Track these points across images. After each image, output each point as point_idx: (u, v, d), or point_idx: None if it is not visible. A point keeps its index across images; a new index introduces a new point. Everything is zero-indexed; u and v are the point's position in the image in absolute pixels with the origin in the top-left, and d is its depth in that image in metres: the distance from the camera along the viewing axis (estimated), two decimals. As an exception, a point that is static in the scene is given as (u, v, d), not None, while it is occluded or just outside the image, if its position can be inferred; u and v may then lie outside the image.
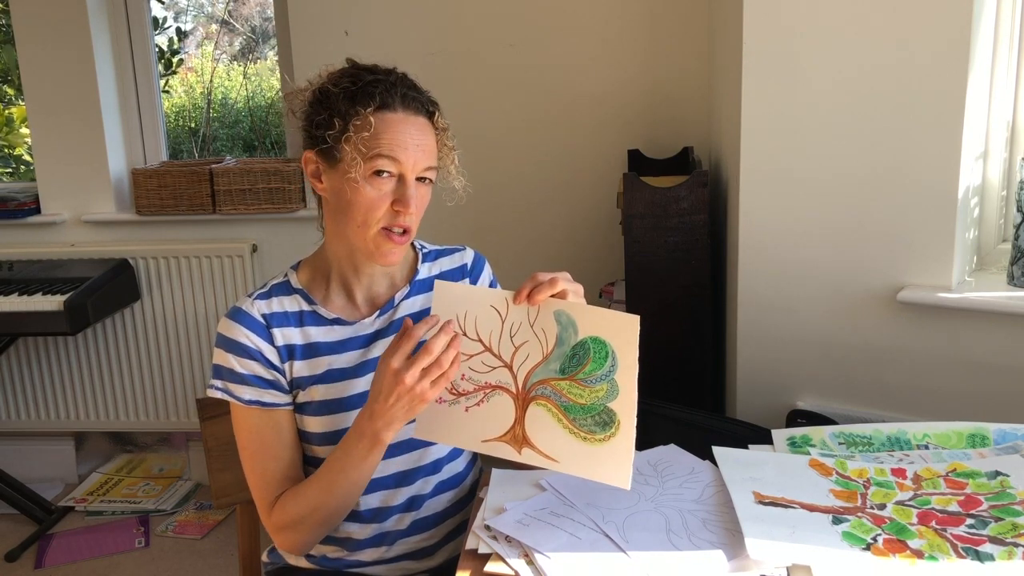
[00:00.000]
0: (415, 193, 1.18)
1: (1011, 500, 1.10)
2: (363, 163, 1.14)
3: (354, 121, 1.14)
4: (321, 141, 1.17)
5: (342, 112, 1.15)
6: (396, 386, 1.06)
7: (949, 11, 1.57)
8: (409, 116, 1.17)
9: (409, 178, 1.17)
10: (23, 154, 4.02)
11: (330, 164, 1.19)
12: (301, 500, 1.20)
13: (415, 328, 1.09)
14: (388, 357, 1.08)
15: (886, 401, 1.77)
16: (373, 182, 1.16)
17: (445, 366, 1.07)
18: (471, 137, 1.89)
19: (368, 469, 1.17)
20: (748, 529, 1.03)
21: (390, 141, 1.15)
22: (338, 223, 1.22)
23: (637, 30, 2.57)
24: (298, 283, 1.28)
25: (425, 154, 1.18)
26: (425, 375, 1.06)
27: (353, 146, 1.14)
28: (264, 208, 2.85)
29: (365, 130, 1.14)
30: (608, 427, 1.06)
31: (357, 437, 1.14)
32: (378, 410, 1.09)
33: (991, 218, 1.85)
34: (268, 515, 1.24)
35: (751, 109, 1.78)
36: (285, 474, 1.24)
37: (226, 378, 1.23)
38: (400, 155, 1.15)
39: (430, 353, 1.06)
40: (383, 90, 1.16)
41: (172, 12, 4.78)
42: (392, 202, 1.17)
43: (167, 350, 2.98)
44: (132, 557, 2.62)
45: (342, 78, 1.19)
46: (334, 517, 1.22)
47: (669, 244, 2.11)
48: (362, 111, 1.14)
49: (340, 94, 1.17)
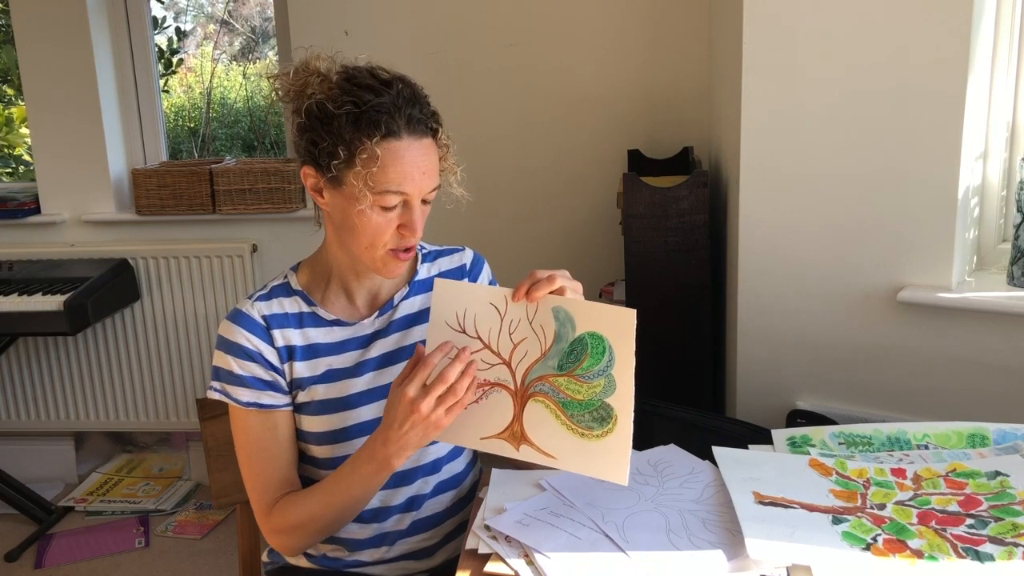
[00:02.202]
0: (420, 216, 1.18)
1: (1011, 500, 1.10)
2: (371, 196, 1.13)
3: (360, 154, 1.11)
4: (326, 168, 1.15)
5: (346, 141, 1.12)
6: (411, 414, 1.06)
7: (949, 11, 1.57)
8: (414, 142, 1.14)
9: (415, 203, 1.16)
10: (23, 154, 4.02)
11: (334, 187, 1.17)
12: (301, 508, 1.21)
13: (431, 356, 1.08)
14: (403, 385, 1.07)
15: (886, 401, 1.77)
16: (380, 212, 1.15)
17: (460, 394, 1.07)
18: (471, 137, 1.89)
19: (373, 490, 1.18)
20: (748, 529, 1.03)
21: (397, 175, 1.13)
22: (342, 238, 1.22)
23: (637, 30, 2.57)
24: (298, 285, 1.28)
25: (430, 178, 1.17)
26: (440, 403, 1.06)
27: (361, 179, 1.12)
28: (264, 208, 2.85)
29: (372, 163, 1.11)
30: (606, 423, 1.06)
31: (367, 459, 1.14)
32: (392, 437, 1.09)
33: (991, 218, 1.85)
34: (265, 516, 1.24)
35: (751, 109, 1.78)
36: (282, 475, 1.25)
37: (224, 380, 1.23)
38: (408, 187, 1.14)
39: (445, 381, 1.06)
40: (388, 117, 1.12)
41: (172, 12, 4.79)
42: (398, 226, 1.17)
43: (167, 350, 2.98)
44: (132, 557, 2.62)
45: (342, 96, 1.13)
46: (332, 527, 1.23)
47: (669, 244, 2.11)
48: (367, 142, 1.11)
49: (343, 118, 1.12)
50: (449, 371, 1.07)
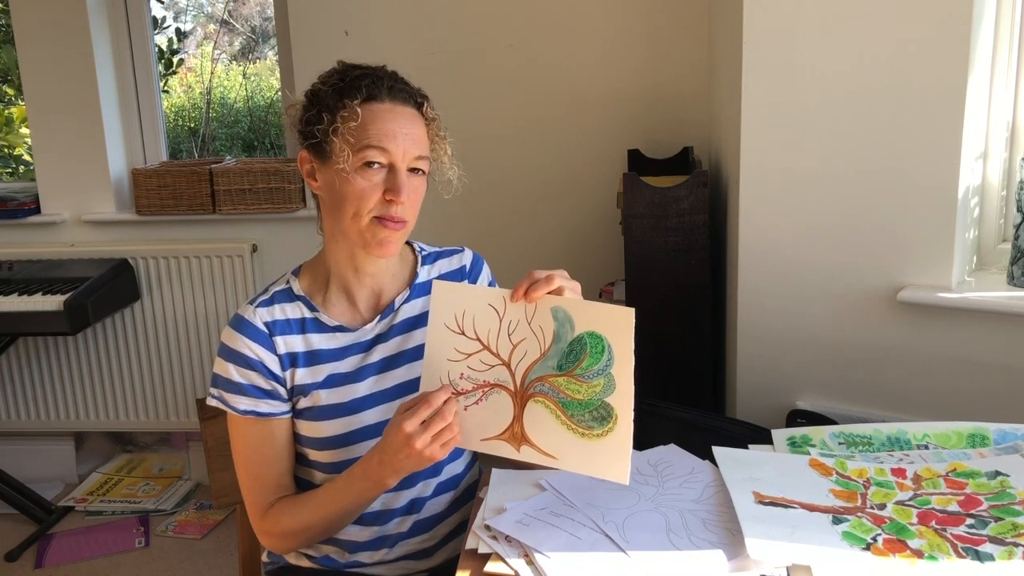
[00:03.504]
0: (407, 183, 1.18)
1: (1011, 500, 1.10)
2: (352, 155, 1.16)
3: (341, 113, 1.16)
4: (311, 136, 1.20)
5: (330, 106, 1.18)
6: (406, 447, 1.08)
7: (949, 11, 1.57)
8: (397, 106, 1.19)
9: (400, 167, 1.18)
10: (23, 154, 4.02)
11: (322, 160, 1.20)
12: (294, 516, 1.23)
13: (434, 395, 1.09)
14: (404, 420, 1.08)
15: (886, 401, 1.77)
16: (363, 173, 1.17)
17: (456, 431, 1.09)
18: (471, 137, 1.89)
19: (365, 504, 1.21)
20: (748, 529, 1.03)
21: (378, 131, 1.16)
22: (334, 219, 1.23)
23: (637, 30, 2.57)
24: (299, 290, 1.28)
25: (415, 143, 1.19)
26: (436, 440, 1.08)
27: (342, 138, 1.16)
28: (264, 208, 2.85)
29: (352, 120, 1.16)
30: (606, 422, 1.06)
31: (361, 475, 1.15)
32: (387, 460, 1.11)
33: (991, 218, 1.85)
34: (259, 520, 1.26)
35: (751, 109, 1.78)
36: (277, 481, 1.26)
37: (223, 387, 1.24)
38: (389, 144, 1.16)
39: (444, 419, 1.08)
40: (370, 82, 1.18)
41: (172, 12, 4.78)
42: (384, 192, 1.17)
43: (167, 350, 2.98)
44: (132, 557, 2.62)
45: (331, 76, 1.22)
46: (324, 535, 1.26)
47: (669, 244, 2.11)
48: (349, 103, 1.16)
49: (329, 90, 1.19)
50: (447, 408, 1.09)
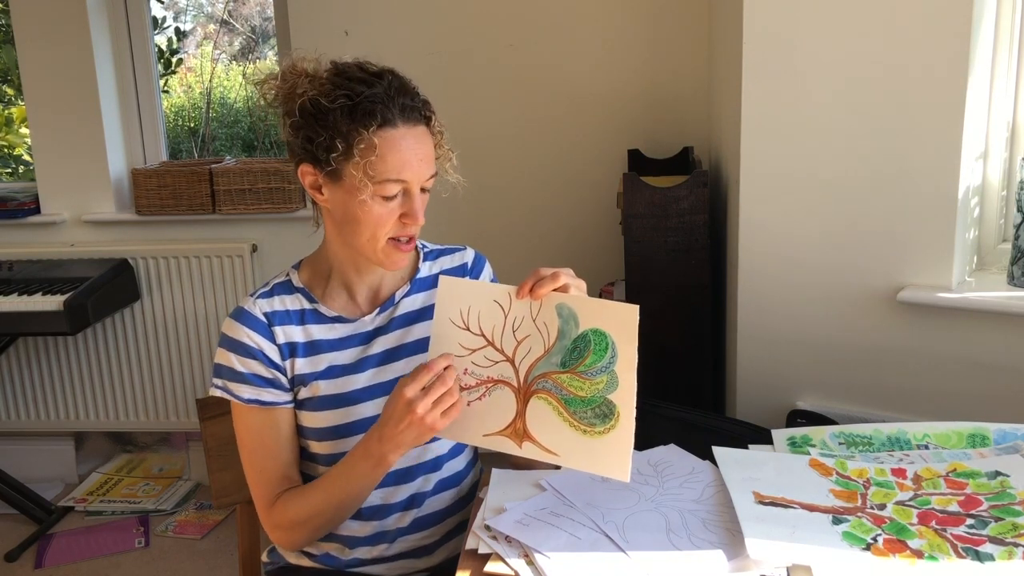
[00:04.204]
0: (421, 204, 1.19)
1: (1011, 500, 1.10)
2: (371, 186, 1.15)
3: (357, 144, 1.14)
4: (324, 162, 1.16)
5: (343, 133, 1.14)
6: (408, 415, 1.08)
7: (949, 12, 1.57)
8: (409, 129, 1.17)
9: (414, 191, 1.18)
10: (23, 154, 4.02)
11: (333, 181, 1.19)
12: (302, 504, 1.23)
13: (435, 361, 1.10)
14: (404, 387, 1.09)
15: (886, 401, 1.77)
16: (381, 202, 1.17)
17: (456, 397, 1.09)
18: (471, 137, 1.89)
19: (370, 485, 1.20)
20: (748, 529, 1.03)
21: (396, 163, 1.15)
22: (343, 233, 1.23)
23: (637, 30, 2.57)
24: (299, 282, 1.30)
25: (427, 165, 1.19)
26: (437, 405, 1.08)
27: (360, 170, 1.14)
28: (264, 208, 2.85)
29: (371, 153, 1.14)
30: (608, 419, 1.06)
31: (363, 455, 1.16)
32: (387, 434, 1.11)
33: (991, 218, 1.85)
34: (267, 512, 1.26)
35: (751, 109, 1.78)
36: (283, 472, 1.26)
37: (226, 377, 1.24)
38: (407, 175, 1.16)
39: (444, 383, 1.08)
40: (382, 106, 1.14)
41: (172, 12, 4.78)
42: (400, 215, 1.18)
43: (167, 350, 2.98)
44: (132, 557, 2.62)
45: (335, 91, 1.15)
46: (333, 523, 1.25)
47: (669, 244, 2.11)
48: (364, 132, 1.13)
49: (338, 111, 1.14)
50: (448, 374, 1.09)
